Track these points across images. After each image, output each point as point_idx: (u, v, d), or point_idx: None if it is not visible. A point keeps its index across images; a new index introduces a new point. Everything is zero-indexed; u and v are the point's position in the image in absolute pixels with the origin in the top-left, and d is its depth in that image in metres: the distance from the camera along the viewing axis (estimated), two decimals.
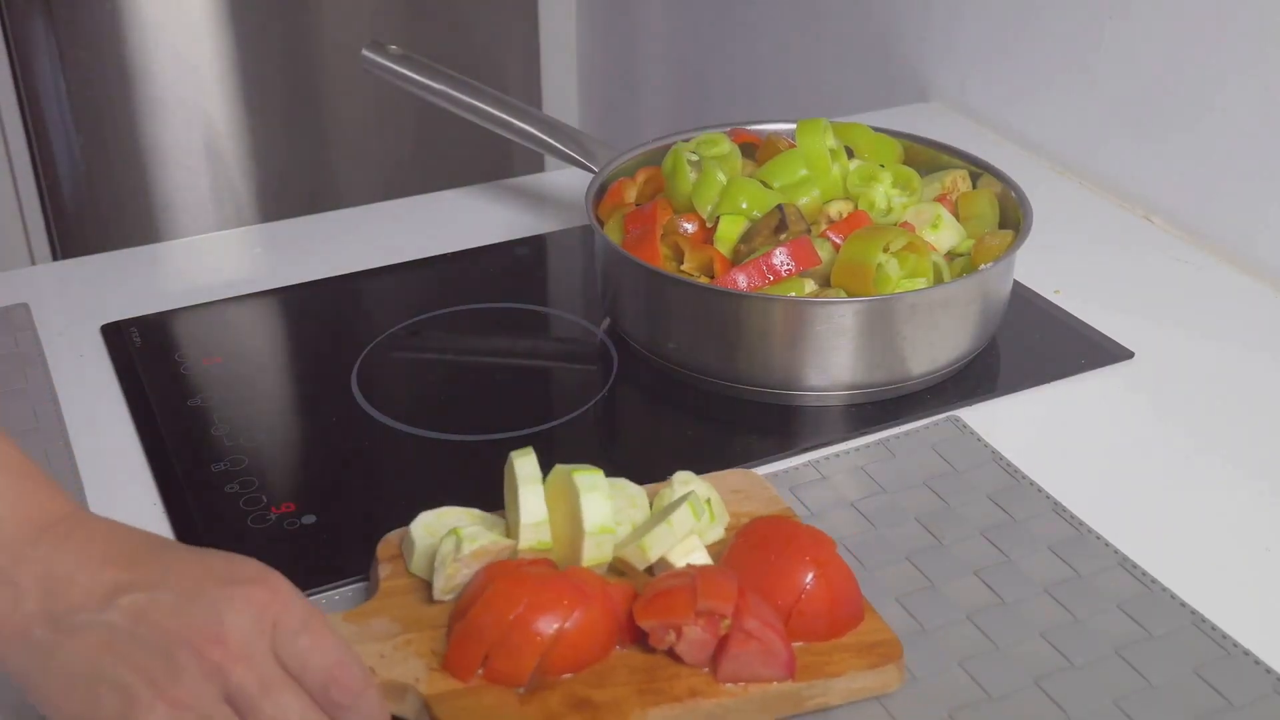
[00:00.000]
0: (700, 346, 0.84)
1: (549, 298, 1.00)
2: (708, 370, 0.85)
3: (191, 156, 1.92)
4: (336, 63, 1.96)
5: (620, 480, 0.69)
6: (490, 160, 2.03)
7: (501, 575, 0.61)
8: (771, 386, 0.83)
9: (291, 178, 2.00)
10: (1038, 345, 0.91)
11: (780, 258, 0.83)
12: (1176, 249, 1.05)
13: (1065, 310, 0.94)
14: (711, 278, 0.85)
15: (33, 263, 1.87)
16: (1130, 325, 0.92)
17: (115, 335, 0.92)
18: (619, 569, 0.66)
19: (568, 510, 0.65)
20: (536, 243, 1.06)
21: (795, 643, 0.62)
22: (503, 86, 1.08)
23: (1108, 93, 1.12)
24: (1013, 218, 0.90)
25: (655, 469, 0.72)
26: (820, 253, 0.84)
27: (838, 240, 0.86)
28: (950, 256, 0.89)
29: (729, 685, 0.60)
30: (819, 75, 1.52)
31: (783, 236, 0.85)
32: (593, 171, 0.99)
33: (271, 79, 1.93)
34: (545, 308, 0.98)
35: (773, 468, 0.79)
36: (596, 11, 2.02)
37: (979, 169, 0.95)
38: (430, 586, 0.64)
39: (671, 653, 0.61)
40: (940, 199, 0.93)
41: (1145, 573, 0.70)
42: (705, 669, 0.61)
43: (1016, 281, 0.93)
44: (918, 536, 0.72)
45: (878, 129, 0.97)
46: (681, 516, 0.65)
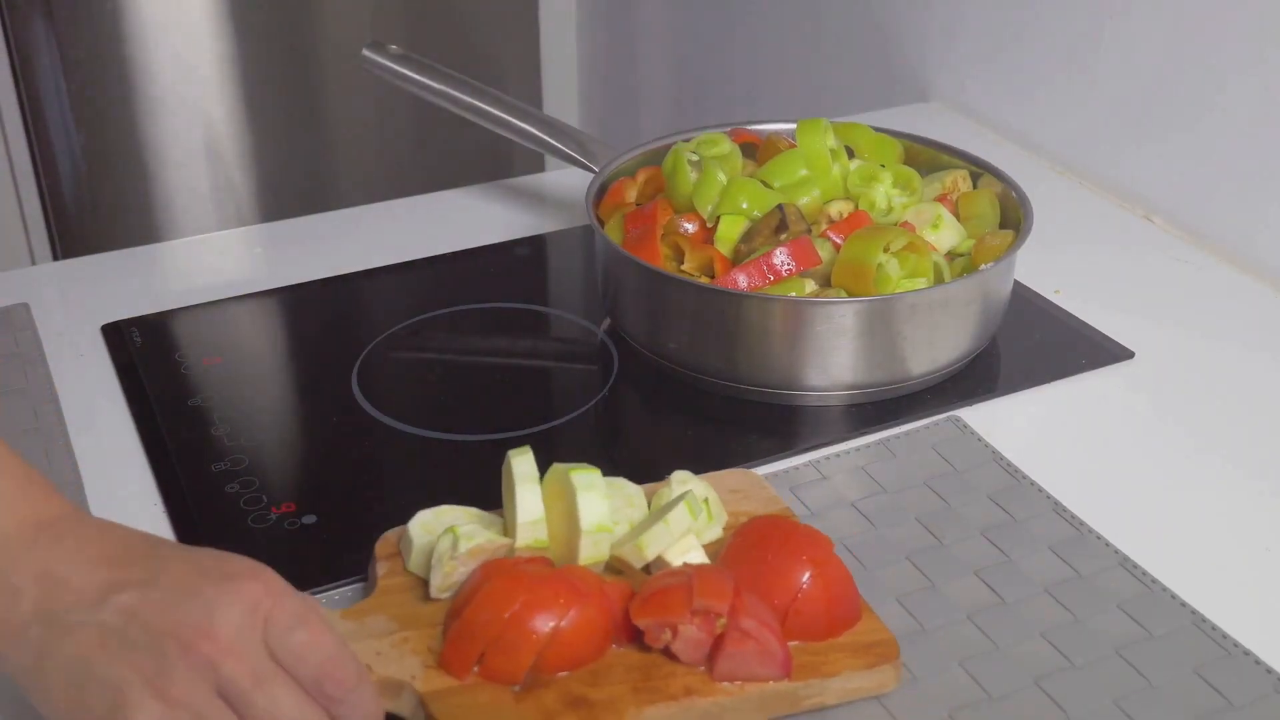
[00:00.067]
0: (700, 346, 0.84)
1: (549, 298, 1.00)
2: (708, 370, 0.85)
3: (191, 156, 1.92)
4: (336, 63, 1.96)
5: (618, 480, 0.69)
6: (490, 160, 2.03)
7: (498, 573, 0.61)
8: (772, 386, 0.83)
9: (291, 178, 2.00)
10: (1038, 345, 0.91)
11: (781, 258, 0.83)
12: (1176, 249, 1.05)
13: (1065, 310, 0.94)
14: (712, 278, 0.85)
15: (33, 263, 1.87)
16: (1130, 325, 0.92)
17: (115, 335, 0.92)
18: (616, 568, 0.66)
19: (565, 509, 0.65)
20: (536, 243, 1.06)
21: (792, 642, 0.62)
22: (503, 86, 1.08)
23: (1108, 93, 1.12)
24: (1013, 218, 0.90)
25: (655, 469, 0.72)
26: (821, 253, 0.84)
27: (838, 240, 0.86)
28: (951, 256, 0.89)
29: (725, 684, 0.60)
30: (819, 75, 1.52)
31: (783, 236, 0.85)
32: (593, 171, 0.99)
33: (271, 79, 1.93)
34: (545, 308, 0.98)
35: (773, 468, 0.79)
36: (596, 11, 2.02)
37: (979, 169, 0.95)
38: (427, 584, 0.64)
39: (667, 651, 0.61)
40: (941, 199, 0.93)
41: (1145, 573, 0.70)
42: (701, 668, 0.61)
43: (1017, 281, 0.93)
44: (918, 536, 0.72)
45: (878, 129, 0.97)
46: (678, 515, 0.65)
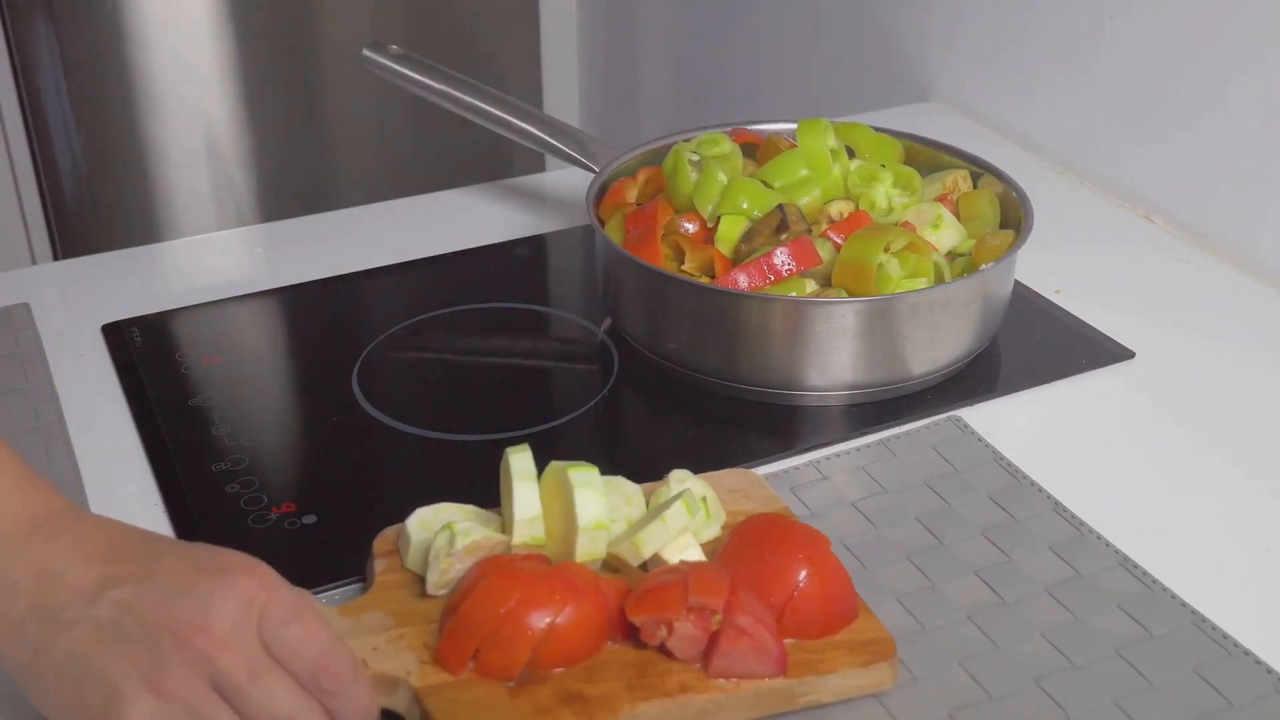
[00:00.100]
0: (701, 346, 0.84)
1: (549, 298, 1.00)
2: (708, 370, 0.85)
3: (191, 156, 1.92)
4: (336, 63, 1.96)
5: (616, 478, 0.69)
6: (490, 160, 2.03)
7: (494, 570, 0.61)
8: (772, 386, 0.83)
9: (291, 178, 2.00)
10: (1038, 345, 0.91)
11: (781, 258, 0.83)
12: (1176, 249, 1.05)
13: (1066, 310, 0.94)
14: (712, 278, 0.85)
15: (33, 262, 1.87)
16: (1130, 325, 0.92)
17: (115, 335, 0.92)
18: (613, 565, 0.66)
19: (562, 506, 0.65)
20: (536, 243, 1.06)
21: (788, 640, 0.62)
22: (503, 86, 1.08)
23: (1108, 93, 1.12)
24: (1013, 218, 0.90)
25: (655, 469, 0.72)
26: (821, 253, 0.84)
27: (838, 240, 0.86)
28: (951, 256, 0.89)
29: (720, 681, 0.60)
30: (819, 75, 1.52)
31: (784, 236, 0.85)
32: (593, 171, 0.99)
33: (271, 79, 1.93)
34: (546, 308, 0.98)
35: (773, 468, 0.79)
36: (597, 11, 2.02)
37: (980, 169, 0.95)
38: (425, 581, 0.64)
39: (663, 648, 0.61)
40: (941, 199, 0.93)
41: (1145, 573, 0.70)
42: (696, 665, 0.61)
43: (1017, 281, 0.93)
44: (918, 536, 0.72)
45: (878, 129, 0.97)
46: (675, 513, 0.65)
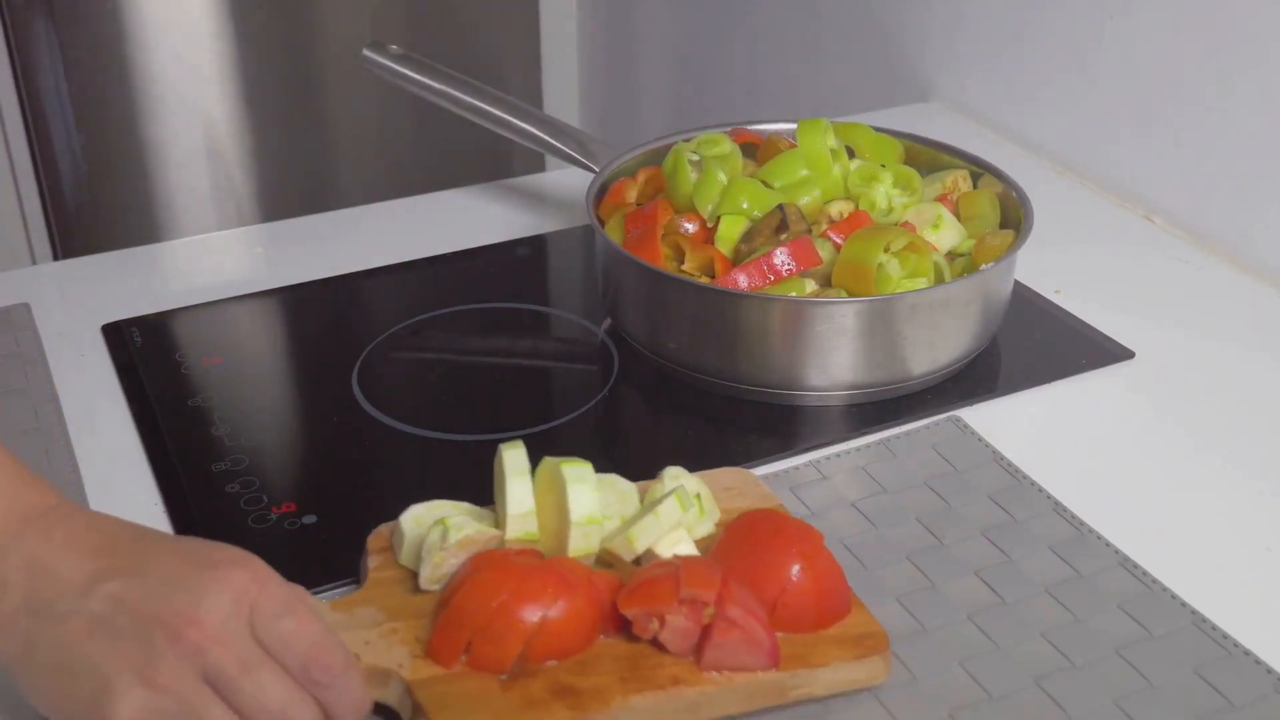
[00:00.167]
0: (701, 346, 0.84)
1: (549, 298, 1.00)
2: (708, 370, 0.85)
3: (191, 156, 1.92)
4: (336, 63, 1.96)
5: (610, 475, 0.69)
6: (490, 160, 2.03)
7: (487, 564, 0.62)
8: (772, 386, 0.83)
9: (291, 178, 2.00)
10: (1038, 345, 0.91)
11: (781, 258, 0.83)
12: (1176, 249, 1.05)
13: (1066, 310, 0.94)
14: (712, 278, 0.85)
15: (33, 262, 1.87)
16: (1130, 325, 0.92)
17: (115, 335, 0.92)
18: (606, 561, 0.66)
19: (555, 502, 0.65)
20: (537, 243, 1.06)
21: (781, 634, 0.62)
22: (503, 86, 1.08)
23: (1108, 93, 1.12)
24: (1013, 218, 0.90)
25: (655, 469, 0.72)
26: (821, 253, 0.84)
27: (838, 240, 0.86)
28: (951, 256, 0.89)
29: (712, 674, 0.60)
30: (819, 75, 1.52)
31: (783, 236, 0.85)
32: (593, 171, 0.99)
33: (271, 79, 1.93)
34: (545, 308, 0.98)
35: (773, 468, 0.79)
36: (597, 11, 2.02)
37: (980, 169, 0.95)
38: (418, 577, 0.64)
39: (655, 642, 0.61)
40: (941, 199, 0.93)
41: (1145, 573, 0.70)
42: (689, 658, 0.61)
43: (1017, 281, 0.93)
44: (918, 536, 0.72)
45: (878, 129, 0.97)
46: (668, 508, 0.65)
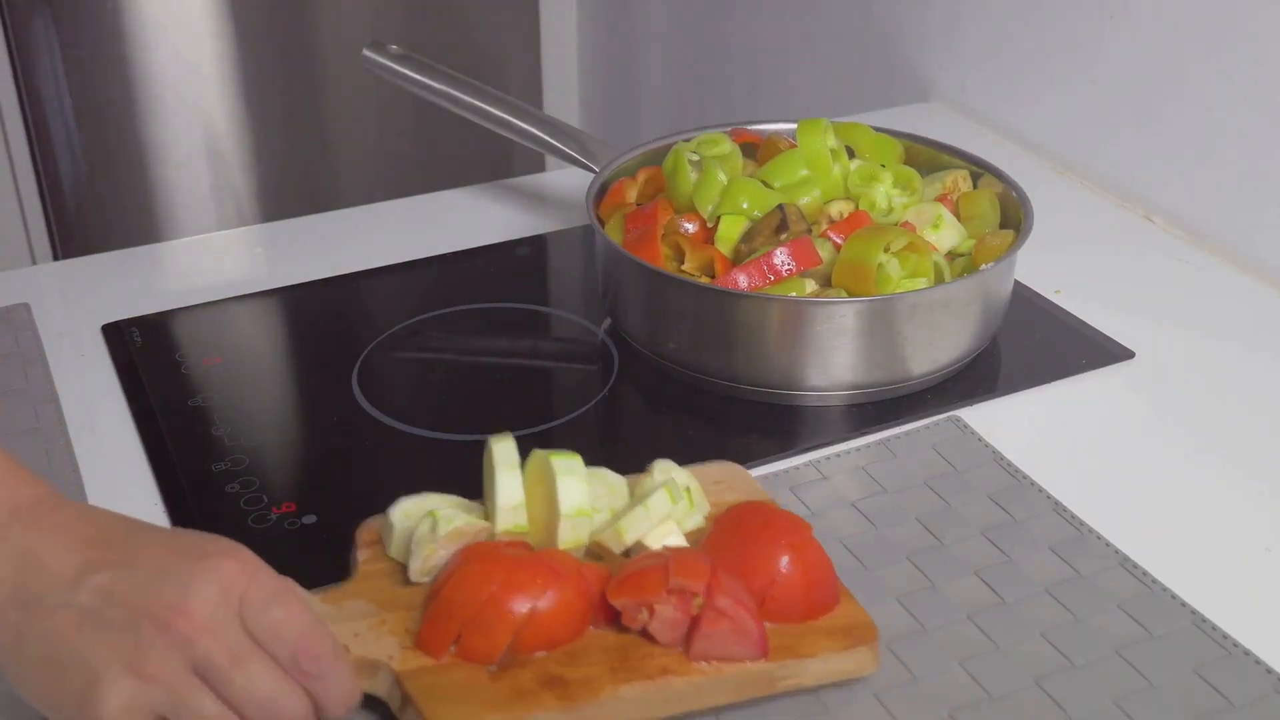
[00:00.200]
0: (700, 346, 0.84)
1: (549, 298, 1.00)
2: (708, 370, 0.85)
3: (191, 156, 1.92)
4: (336, 63, 1.96)
5: (600, 469, 0.69)
6: (490, 160, 2.03)
7: (476, 555, 0.62)
8: (772, 386, 0.83)
9: (291, 178, 2.00)
10: (1038, 345, 0.91)
11: (781, 258, 0.83)
12: (1176, 249, 1.05)
13: (1065, 310, 0.94)
14: (712, 278, 0.85)
15: (33, 263, 1.87)
16: (1130, 325, 0.92)
17: (115, 335, 0.92)
18: (596, 553, 0.66)
19: (545, 494, 0.65)
20: (537, 243, 1.06)
21: (770, 625, 0.62)
22: (503, 86, 1.08)
23: (1108, 93, 1.12)
24: (1013, 218, 0.90)
25: None
26: (821, 253, 0.84)
27: (838, 240, 0.86)
28: (951, 256, 0.89)
29: (701, 665, 0.60)
30: (819, 75, 1.52)
31: (783, 236, 0.85)
32: (593, 171, 0.99)
33: (271, 79, 1.93)
34: (545, 308, 0.98)
35: (773, 468, 0.79)
36: (597, 11, 2.02)
37: (979, 169, 0.95)
38: (408, 570, 0.64)
39: (645, 633, 0.61)
40: (941, 199, 0.93)
41: (1145, 573, 0.70)
42: (678, 648, 0.61)
43: (1017, 281, 0.93)
44: (918, 536, 0.72)
45: (878, 129, 0.97)
46: (658, 500, 0.65)
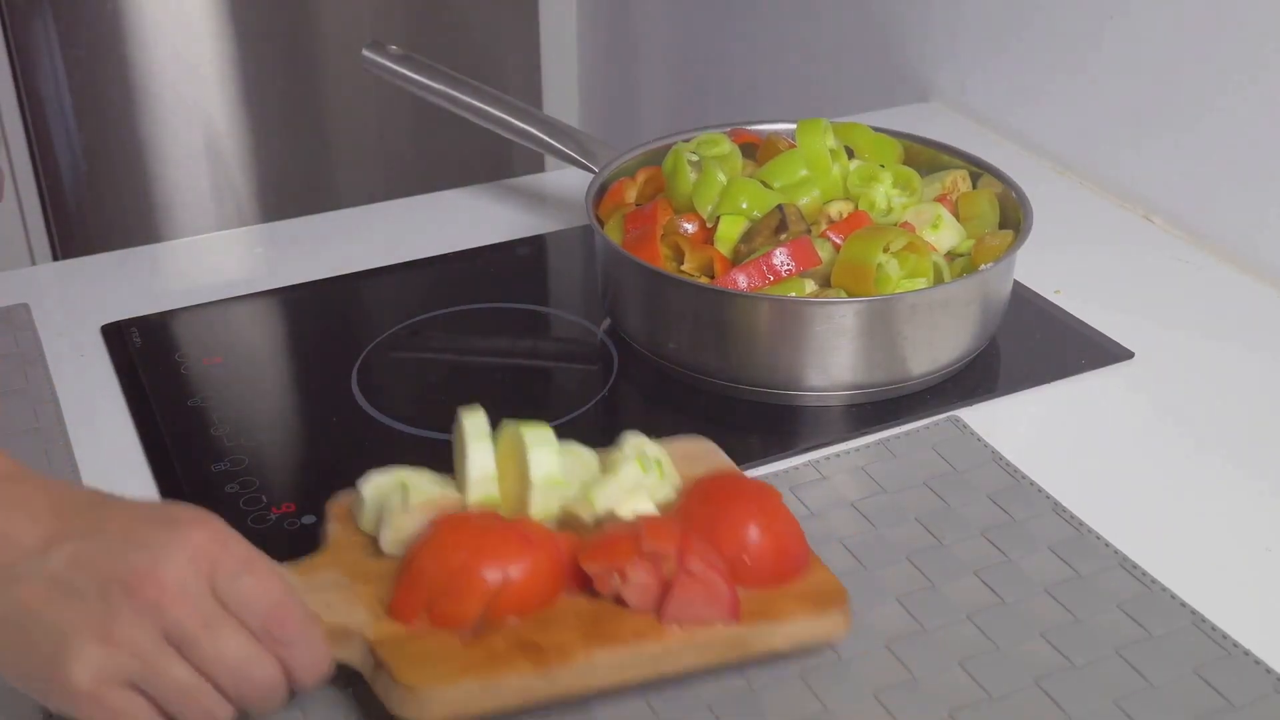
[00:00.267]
0: (700, 346, 0.84)
1: (549, 298, 1.00)
2: (708, 370, 0.85)
3: (191, 156, 1.92)
4: (336, 63, 1.97)
5: (571, 443, 0.69)
6: (490, 160, 2.03)
7: (447, 523, 0.62)
8: (771, 386, 0.83)
9: (291, 178, 2.00)
10: (1038, 345, 0.91)
11: (780, 258, 0.83)
12: (1176, 249, 1.05)
13: (1065, 310, 0.94)
14: (712, 278, 0.85)
15: (33, 263, 1.87)
16: (1130, 325, 0.92)
17: (115, 335, 0.92)
18: (568, 523, 0.65)
19: (516, 467, 0.65)
20: (536, 243, 1.06)
21: (741, 590, 0.62)
22: (503, 86, 1.08)
23: (1108, 93, 1.12)
24: (1013, 218, 0.90)
25: None
26: (820, 253, 0.84)
27: (838, 240, 0.86)
28: (950, 256, 0.89)
29: (674, 628, 0.60)
30: (819, 75, 1.52)
31: (783, 236, 0.85)
32: (593, 171, 0.99)
33: (271, 79, 1.93)
34: (545, 308, 0.98)
35: (773, 468, 0.79)
36: (597, 11, 2.02)
37: (979, 169, 0.95)
38: (379, 542, 0.64)
39: (618, 599, 0.61)
40: (940, 199, 0.93)
41: (1145, 573, 0.70)
42: (651, 613, 0.61)
43: (1016, 281, 0.93)
44: (918, 536, 0.72)
45: (878, 129, 0.97)
46: (628, 470, 0.65)
